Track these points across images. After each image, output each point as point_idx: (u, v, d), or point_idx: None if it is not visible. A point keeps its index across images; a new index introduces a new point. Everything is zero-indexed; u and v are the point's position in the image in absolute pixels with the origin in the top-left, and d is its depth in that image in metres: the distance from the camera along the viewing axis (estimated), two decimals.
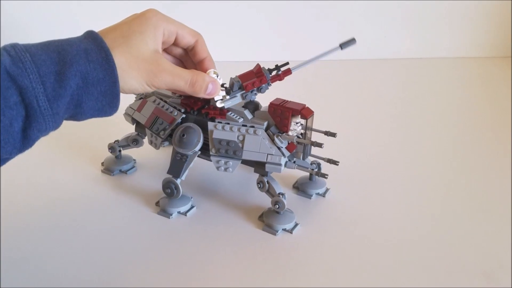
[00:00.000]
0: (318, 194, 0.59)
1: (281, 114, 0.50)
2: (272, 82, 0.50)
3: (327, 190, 0.59)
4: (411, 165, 0.67)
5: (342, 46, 0.50)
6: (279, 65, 0.51)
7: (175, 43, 0.49)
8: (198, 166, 0.61)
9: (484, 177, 0.64)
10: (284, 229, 0.52)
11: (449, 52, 1.17)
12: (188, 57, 0.52)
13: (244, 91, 0.50)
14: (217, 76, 0.50)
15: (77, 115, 0.40)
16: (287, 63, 0.51)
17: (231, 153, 0.51)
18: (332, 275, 0.46)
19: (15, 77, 0.35)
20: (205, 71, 0.50)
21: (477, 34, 1.16)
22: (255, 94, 0.51)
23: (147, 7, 0.46)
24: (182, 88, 0.45)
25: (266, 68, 0.50)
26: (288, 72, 0.50)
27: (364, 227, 0.53)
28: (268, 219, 0.52)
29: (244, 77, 0.50)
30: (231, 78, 0.50)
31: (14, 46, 0.37)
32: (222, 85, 0.51)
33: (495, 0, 1.11)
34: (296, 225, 0.52)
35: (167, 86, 0.44)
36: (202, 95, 0.47)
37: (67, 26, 1.06)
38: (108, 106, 0.40)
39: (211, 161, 0.53)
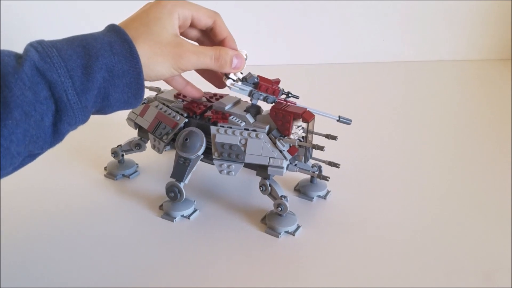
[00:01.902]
0: (319, 196, 0.59)
1: (283, 118, 0.50)
2: (277, 100, 0.52)
3: (328, 192, 0.60)
4: (412, 167, 0.67)
5: (340, 118, 0.53)
6: (290, 93, 0.53)
7: (192, 26, 0.49)
8: (201, 170, 0.61)
9: (484, 179, 0.65)
10: (287, 232, 0.52)
11: (448, 55, 1.17)
12: (206, 39, 0.52)
13: (255, 89, 0.51)
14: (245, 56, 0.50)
15: (105, 108, 0.41)
16: (297, 97, 0.53)
17: (233, 156, 0.52)
18: (335, 276, 0.47)
19: (44, 72, 0.36)
20: None
21: (476, 36, 1.16)
22: (260, 98, 0.52)
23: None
24: (208, 64, 0.46)
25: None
26: (291, 102, 0.52)
27: (365, 229, 0.54)
28: (271, 221, 0.53)
29: (262, 78, 0.52)
30: (249, 72, 0.52)
31: (40, 42, 0.38)
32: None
33: (494, 1, 1.12)
34: (298, 227, 0.53)
35: (193, 66, 0.45)
36: (228, 69, 0.47)
37: (67, 26, 1.07)
38: (133, 97, 0.41)
39: (214, 164, 0.53)
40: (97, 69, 0.38)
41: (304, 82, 1.02)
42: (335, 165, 0.53)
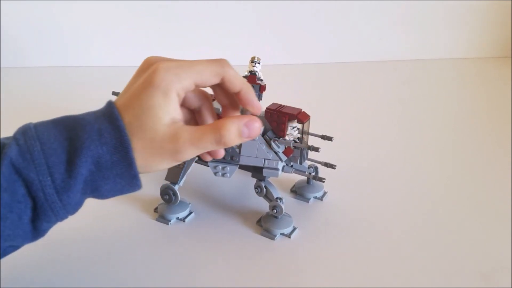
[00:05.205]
0: (316, 197, 0.59)
1: (278, 119, 0.50)
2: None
3: (325, 193, 0.59)
4: (409, 167, 0.67)
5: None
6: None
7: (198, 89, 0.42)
8: (196, 172, 0.61)
9: (483, 178, 0.64)
10: (283, 234, 0.52)
11: (447, 53, 1.17)
12: (220, 91, 0.43)
13: (259, 92, 0.51)
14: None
15: (98, 197, 0.39)
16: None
17: (228, 158, 0.51)
18: (331, 279, 0.46)
19: (20, 170, 0.34)
20: (245, 105, 0.41)
21: (475, 34, 1.15)
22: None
23: (146, 7, 0.44)
24: (213, 149, 0.39)
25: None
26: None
27: (362, 230, 0.53)
28: (266, 224, 0.52)
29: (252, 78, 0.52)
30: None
31: (24, 132, 0.35)
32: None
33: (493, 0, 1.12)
34: (294, 229, 0.53)
35: (195, 154, 0.39)
36: (240, 141, 0.39)
37: (66, 26, 1.07)
38: (127, 186, 0.38)
39: (208, 166, 0.53)
40: (82, 163, 0.35)
41: (300, 82, 1.02)
42: (331, 166, 0.52)
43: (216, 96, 0.43)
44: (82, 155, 0.35)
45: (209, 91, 0.44)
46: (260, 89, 0.53)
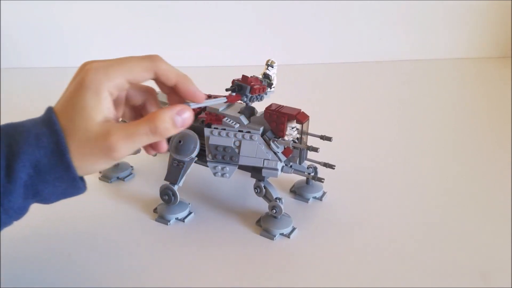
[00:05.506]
0: (315, 198, 0.59)
1: (277, 119, 0.50)
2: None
3: (324, 193, 0.59)
4: (409, 167, 0.67)
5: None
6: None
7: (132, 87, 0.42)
8: (195, 172, 0.61)
9: (483, 178, 0.64)
10: (282, 234, 0.52)
11: (446, 53, 1.17)
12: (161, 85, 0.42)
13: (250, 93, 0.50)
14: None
15: (42, 201, 0.39)
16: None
17: (227, 158, 0.51)
18: (330, 278, 0.46)
19: None
20: (185, 97, 0.41)
21: (475, 34, 1.15)
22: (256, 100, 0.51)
23: (146, 8, 0.44)
24: (149, 142, 0.39)
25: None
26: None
27: (361, 230, 0.53)
28: (266, 224, 0.52)
29: (248, 79, 0.51)
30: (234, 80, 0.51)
31: None
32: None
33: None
34: (293, 229, 0.53)
35: (132, 150, 0.39)
36: (174, 131, 0.39)
37: (66, 26, 1.07)
38: (70, 189, 0.38)
39: (208, 167, 0.53)
40: (20, 167, 0.36)
41: (300, 82, 1.02)
42: (330, 166, 0.52)
43: (162, 91, 0.43)
44: (20, 159, 0.36)
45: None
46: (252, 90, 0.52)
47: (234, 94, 0.50)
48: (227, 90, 0.50)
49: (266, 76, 0.52)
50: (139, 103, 0.43)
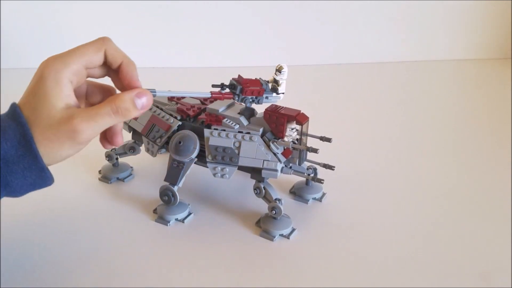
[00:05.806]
0: (314, 199, 0.59)
1: (277, 120, 0.50)
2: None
3: (323, 194, 0.59)
4: (408, 169, 0.67)
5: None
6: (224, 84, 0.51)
7: (90, 68, 0.43)
8: (195, 173, 0.61)
9: (483, 179, 0.64)
10: (281, 235, 0.52)
11: (446, 55, 1.17)
12: (111, 71, 0.45)
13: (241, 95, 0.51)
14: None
15: (11, 193, 0.39)
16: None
17: (227, 159, 0.51)
18: (330, 279, 0.46)
19: None
20: (125, 79, 0.42)
21: (475, 35, 1.15)
22: (251, 101, 0.51)
23: (146, 7, 0.44)
24: (111, 122, 0.40)
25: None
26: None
27: (361, 230, 0.53)
28: (265, 224, 0.52)
29: (245, 80, 0.51)
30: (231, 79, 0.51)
31: None
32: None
33: (493, 0, 1.12)
34: (293, 230, 0.53)
35: (95, 133, 0.40)
36: (135, 113, 0.41)
37: (66, 26, 1.07)
38: (39, 180, 0.39)
39: (208, 167, 0.53)
40: None
41: (300, 83, 1.02)
42: (330, 167, 0.52)
43: (115, 84, 0.45)
44: None
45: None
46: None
47: (224, 91, 0.50)
48: (213, 86, 0.51)
49: (275, 81, 0.52)
50: (99, 101, 0.45)
